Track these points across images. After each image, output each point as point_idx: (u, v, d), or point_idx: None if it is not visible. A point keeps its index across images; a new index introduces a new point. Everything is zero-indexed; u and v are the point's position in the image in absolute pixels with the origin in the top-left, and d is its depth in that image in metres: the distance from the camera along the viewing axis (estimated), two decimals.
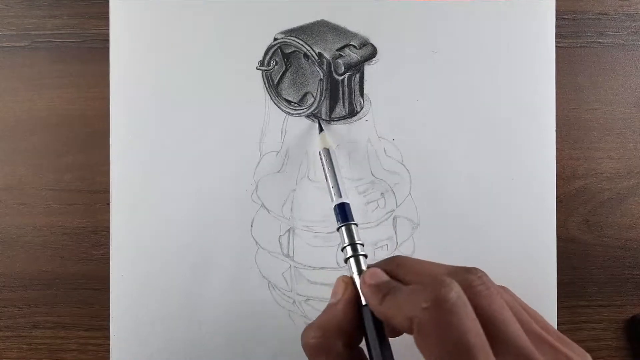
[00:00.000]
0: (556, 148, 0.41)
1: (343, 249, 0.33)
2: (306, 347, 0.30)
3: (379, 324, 0.29)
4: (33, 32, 0.42)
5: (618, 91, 0.43)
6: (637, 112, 0.43)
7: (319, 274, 0.40)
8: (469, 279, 0.27)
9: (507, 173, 0.41)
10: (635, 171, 0.42)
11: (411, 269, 0.29)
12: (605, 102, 0.43)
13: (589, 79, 0.43)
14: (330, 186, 0.36)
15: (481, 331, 0.25)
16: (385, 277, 0.30)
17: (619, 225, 0.42)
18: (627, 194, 0.42)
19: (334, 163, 0.37)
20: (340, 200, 0.34)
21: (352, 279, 0.31)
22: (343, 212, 0.34)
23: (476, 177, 0.41)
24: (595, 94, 0.43)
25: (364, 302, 0.30)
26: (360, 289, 0.30)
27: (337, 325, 0.30)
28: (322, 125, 0.40)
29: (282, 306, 0.41)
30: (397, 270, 0.30)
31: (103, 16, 0.41)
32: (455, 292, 0.26)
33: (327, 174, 0.37)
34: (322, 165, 0.37)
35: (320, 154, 0.38)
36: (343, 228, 0.33)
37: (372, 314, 0.29)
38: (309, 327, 0.30)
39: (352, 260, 0.32)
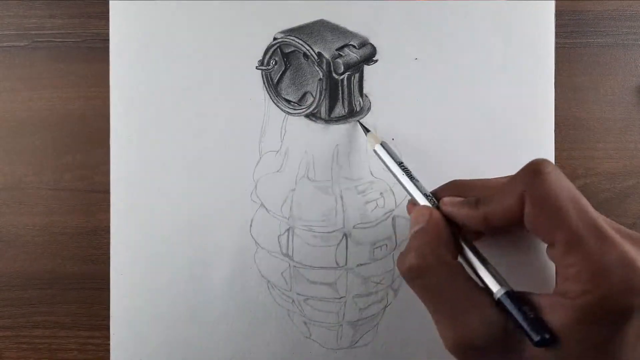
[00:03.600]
0: (556, 148, 0.41)
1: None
2: (408, 272, 0.29)
3: (472, 246, 0.30)
4: (33, 32, 0.42)
5: (618, 91, 0.43)
6: (637, 112, 0.43)
7: (318, 274, 0.40)
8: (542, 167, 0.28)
9: (507, 173, 0.41)
10: (635, 171, 0.42)
11: (479, 184, 0.31)
12: (605, 102, 0.43)
13: (589, 78, 0.43)
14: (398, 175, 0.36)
15: None
16: (461, 198, 0.31)
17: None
18: (627, 193, 0.42)
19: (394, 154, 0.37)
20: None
21: (432, 206, 0.31)
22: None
23: (476, 176, 0.40)
24: (595, 94, 0.43)
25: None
26: (448, 210, 0.30)
27: (433, 243, 0.29)
28: (366, 127, 0.40)
29: (282, 306, 0.41)
30: (465, 193, 0.31)
31: (103, 16, 0.41)
32: (550, 164, 0.27)
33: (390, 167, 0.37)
34: (384, 162, 0.37)
35: (376, 153, 0.37)
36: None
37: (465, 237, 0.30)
38: (403, 254, 0.29)
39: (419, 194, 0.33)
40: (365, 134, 0.39)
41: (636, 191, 0.42)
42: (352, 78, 0.40)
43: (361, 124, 0.40)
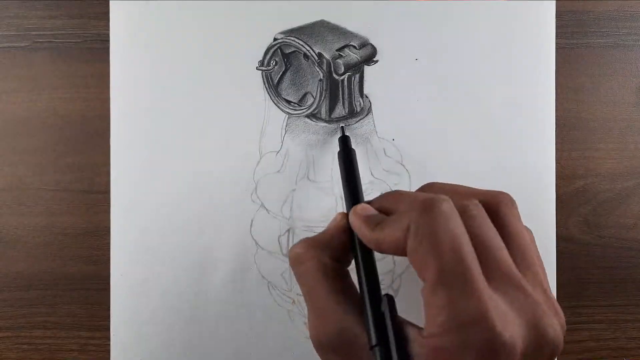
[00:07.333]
0: (556, 148, 0.41)
1: None
2: (292, 259, 0.30)
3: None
4: (33, 33, 0.42)
5: (618, 91, 0.43)
6: (637, 112, 0.43)
7: None
8: (463, 203, 0.28)
9: (507, 173, 0.41)
10: (635, 171, 0.42)
11: (402, 197, 0.30)
12: (605, 102, 0.43)
13: (589, 79, 0.43)
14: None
15: (471, 245, 0.26)
16: (375, 211, 0.30)
17: (619, 225, 0.42)
18: (627, 194, 0.42)
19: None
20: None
21: (347, 213, 0.32)
22: None
23: (476, 177, 0.41)
24: (596, 94, 0.43)
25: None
26: (351, 221, 0.31)
27: (325, 241, 0.31)
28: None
29: (282, 306, 0.41)
30: (387, 203, 0.30)
31: (103, 16, 0.41)
32: (447, 202, 0.27)
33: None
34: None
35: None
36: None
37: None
38: (296, 244, 0.31)
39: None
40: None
41: (636, 192, 0.42)
42: (353, 78, 0.40)
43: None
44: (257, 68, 0.40)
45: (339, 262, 0.31)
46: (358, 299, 0.29)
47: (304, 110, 0.40)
